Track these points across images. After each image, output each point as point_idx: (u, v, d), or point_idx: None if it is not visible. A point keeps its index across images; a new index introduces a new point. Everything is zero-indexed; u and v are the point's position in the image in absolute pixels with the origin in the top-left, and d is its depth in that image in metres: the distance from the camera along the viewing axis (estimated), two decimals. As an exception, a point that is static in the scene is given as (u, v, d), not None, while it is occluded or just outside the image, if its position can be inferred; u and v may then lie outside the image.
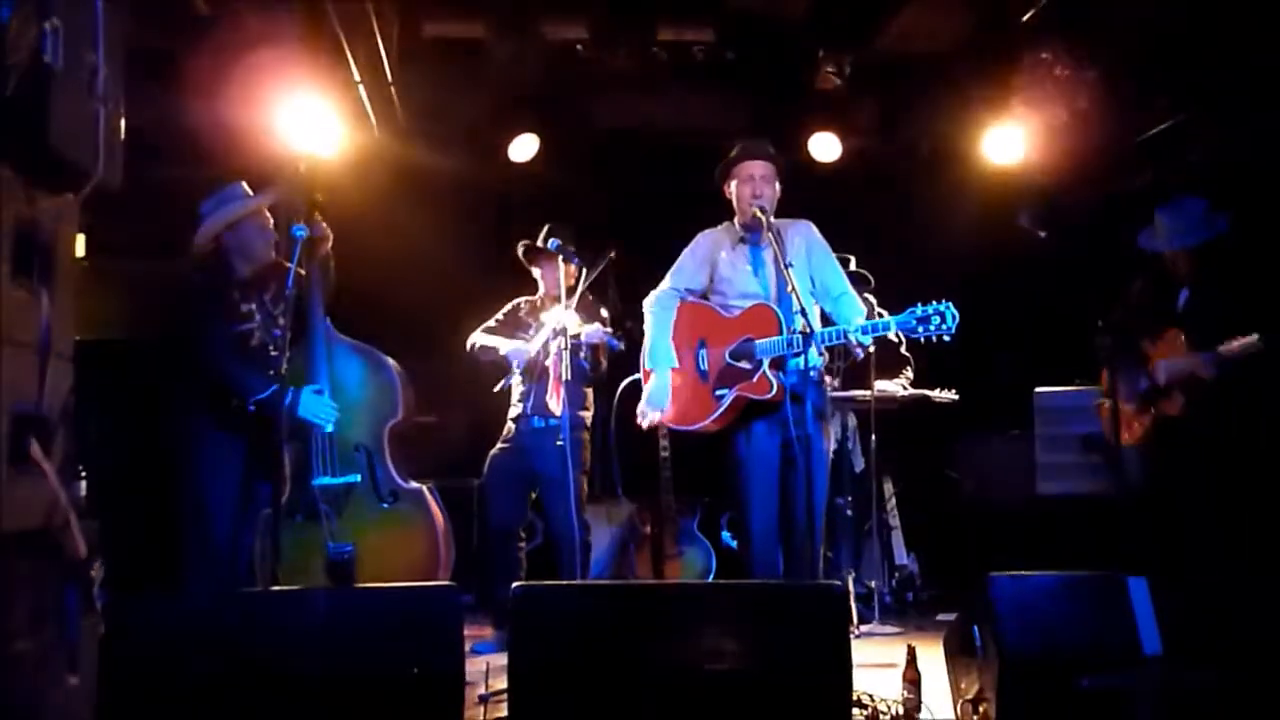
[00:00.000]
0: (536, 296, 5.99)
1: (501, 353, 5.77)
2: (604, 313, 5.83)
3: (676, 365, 4.78)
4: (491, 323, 5.93)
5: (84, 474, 3.51)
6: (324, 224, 4.89)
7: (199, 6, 5.53)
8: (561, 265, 5.45)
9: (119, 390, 5.78)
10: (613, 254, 5.65)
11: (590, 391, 5.91)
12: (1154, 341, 5.28)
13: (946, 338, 4.23)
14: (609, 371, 5.83)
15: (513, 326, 5.91)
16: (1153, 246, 5.31)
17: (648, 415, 4.79)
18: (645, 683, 3.28)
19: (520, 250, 5.92)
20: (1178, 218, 5.23)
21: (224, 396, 4.76)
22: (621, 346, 5.67)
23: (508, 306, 5.99)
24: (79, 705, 2.62)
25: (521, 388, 5.79)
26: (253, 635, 3.19)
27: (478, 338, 5.88)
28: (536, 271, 5.95)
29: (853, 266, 6.31)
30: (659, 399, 4.76)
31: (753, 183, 4.73)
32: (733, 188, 4.82)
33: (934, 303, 4.25)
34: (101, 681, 2.93)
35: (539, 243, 5.66)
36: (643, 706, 3.26)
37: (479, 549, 6.28)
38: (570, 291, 5.32)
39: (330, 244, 4.96)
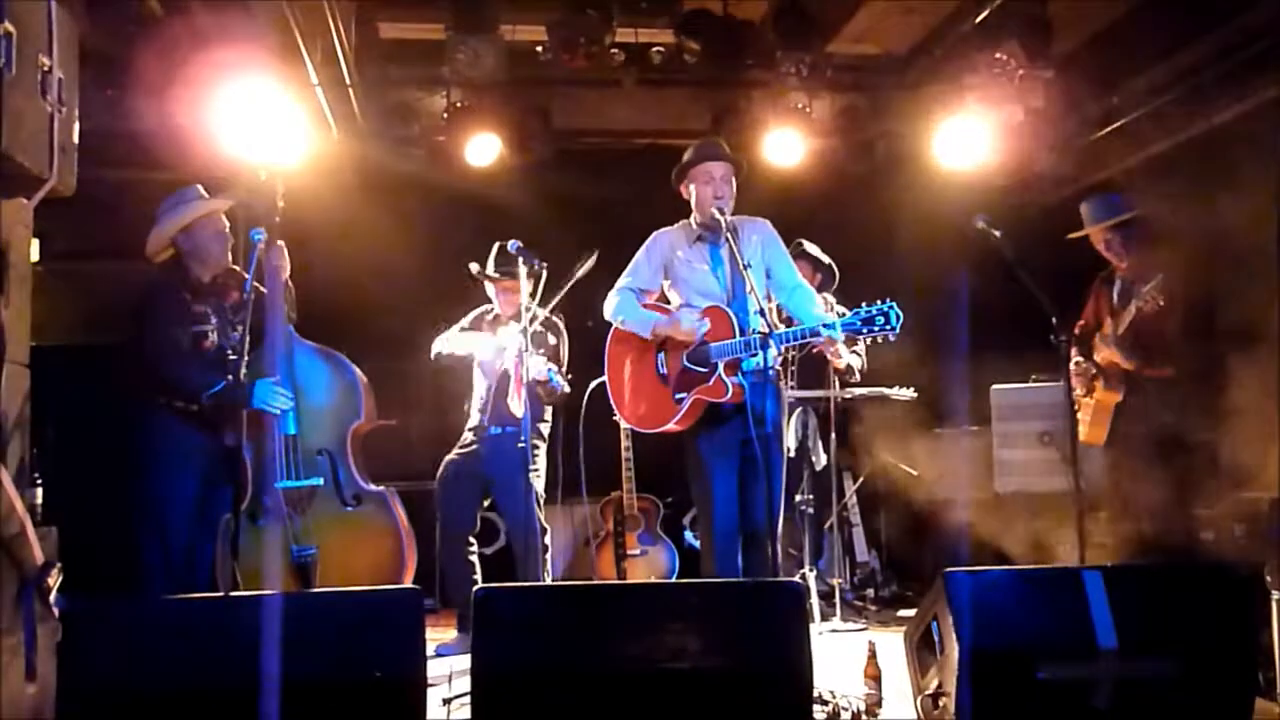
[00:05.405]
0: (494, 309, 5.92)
1: (472, 347, 5.70)
2: (552, 340, 5.69)
3: (657, 316, 4.76)
4: (456, 328, 5.86)
5: (39, 480, 3.50)
6: (283, 247, 4.88)
7: (153, 8, 5.48)
8: (524, 275, 5.16)
9: (75, 395, 5.73)
10: (595, 256, 5.24)
11: (549, 407, 5.83)
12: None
13: (891, 337, 4.26)
14: (573, 372, 5.77)
15: (477, 332, 5.84)
16: (1079, 232, 5.54)
17: (696, 333, 4.65)
18: (608, 683, 3.28)
19: (474, 271, 5.81)
20: (1094, 203, 5.51)
21: (177, 398, 4.73)
22: (565, 387, 5.58)
23: (474, 312, 5.90)
24: (37, 711, 2.60)
25: (480, 399, 5.73)
26: (212, 640, 3.17)
27: (442, 344, 5.79)
28: (491, 290, 5.83)
29: (819, 254, 6.35)
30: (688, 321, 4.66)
31: (713, 183, 4.74)
32: (692, 189, 4.82)
33: (878, 303, 4.28)
34: (60, 687, 2.91)
35: (489, 266, 5.63)
36: (605, 706, 3.27)
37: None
38: (544, 297, 5.23)
39: (288, 270, 4.95)
